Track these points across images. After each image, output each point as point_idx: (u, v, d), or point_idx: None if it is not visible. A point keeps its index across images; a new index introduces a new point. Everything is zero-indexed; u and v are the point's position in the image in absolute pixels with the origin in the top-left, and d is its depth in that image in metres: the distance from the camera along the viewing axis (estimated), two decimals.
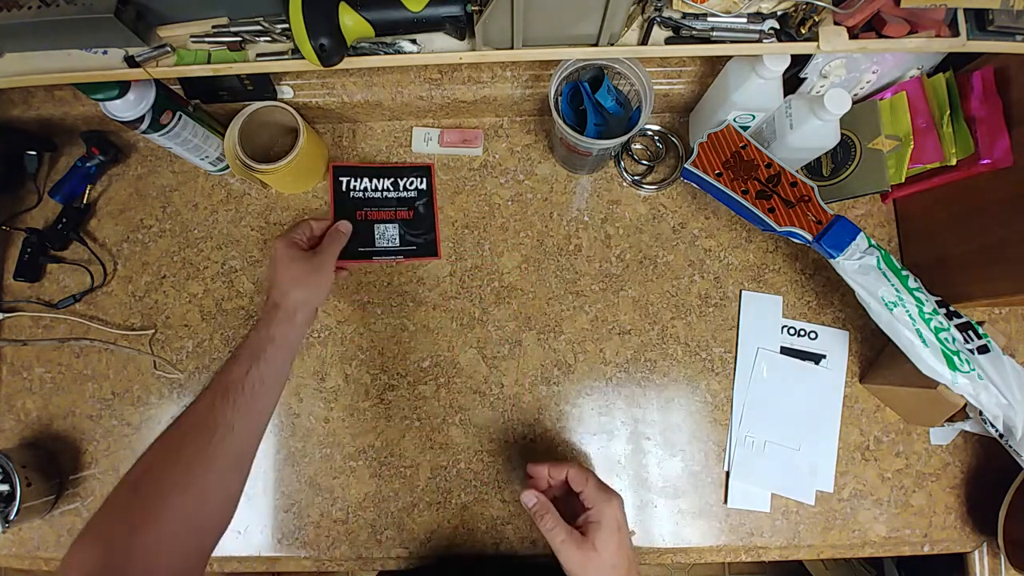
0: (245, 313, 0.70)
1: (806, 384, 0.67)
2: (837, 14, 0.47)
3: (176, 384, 0.69)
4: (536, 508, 0.52)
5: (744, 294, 0.70)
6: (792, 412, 0.67)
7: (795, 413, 0.67)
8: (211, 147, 0.69)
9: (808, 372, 0.67)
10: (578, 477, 0.53)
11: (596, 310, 0.70)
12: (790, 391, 0.67)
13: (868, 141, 0.64)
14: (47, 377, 0.70)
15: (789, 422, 0.66)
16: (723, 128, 0.61)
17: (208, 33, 0.48)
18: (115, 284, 0.72)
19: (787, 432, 0.66)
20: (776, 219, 0.58)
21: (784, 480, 0.65)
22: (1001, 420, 0.54)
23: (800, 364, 0.68)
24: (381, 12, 0.46)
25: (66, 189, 0.71)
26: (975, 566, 0.67)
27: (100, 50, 0.49)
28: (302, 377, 0.69)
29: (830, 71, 0.61)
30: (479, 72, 0.68)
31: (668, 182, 0.72)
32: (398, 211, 0.72)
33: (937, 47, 0.48)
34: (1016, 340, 0.69)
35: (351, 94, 0.69)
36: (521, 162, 0.73)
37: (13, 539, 0.67)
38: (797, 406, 0.67)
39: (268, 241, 0.72)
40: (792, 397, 0.67)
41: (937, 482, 0.66)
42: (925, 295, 0.55)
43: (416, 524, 0.66)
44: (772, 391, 0.67)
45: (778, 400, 0.67)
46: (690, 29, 0.48)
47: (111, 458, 0.68)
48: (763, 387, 0.67)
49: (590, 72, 0.63)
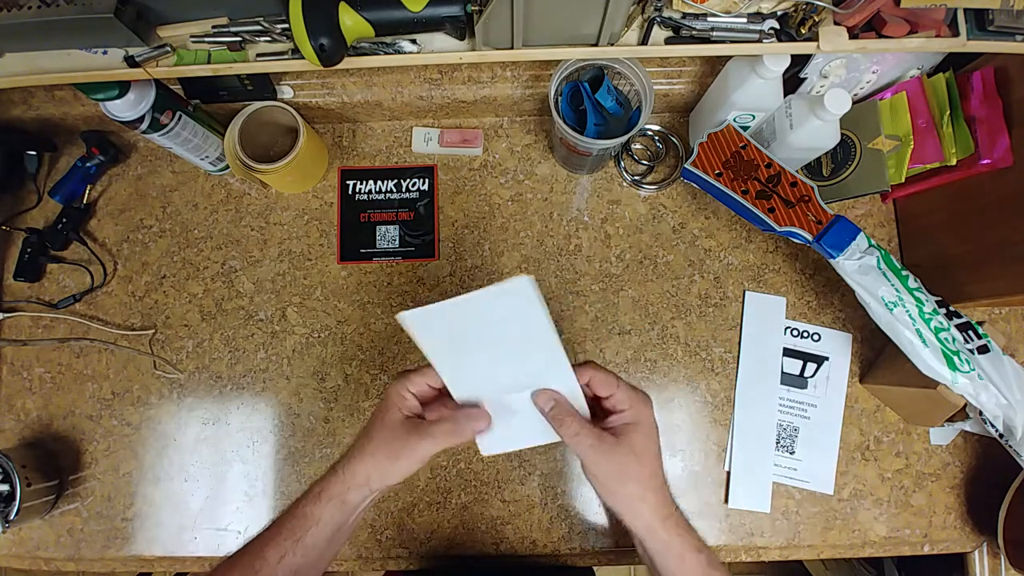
0: (245, 313, 0.70)
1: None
2: (837, 14, 0.47)
3: (176, 384, 0.69)
4: (554, 411, 0.43)
5: (748, 294, 0.69)
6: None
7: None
8: (211, 147, 0.69)
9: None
10: (606, 380, 0.44)
11: (596, 310, 0.70)
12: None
13: (868, 141, 0.64)
14: (47, 377, 0.70)
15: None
16: (723, 128, 0.61)
17: (208, 33, 0.48)
18: (115, 284, 0.72)
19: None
20: (776, 219, 0.58)
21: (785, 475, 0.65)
22: (1001, 420, 0.54)
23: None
24: (381, 12, 0.46)
25: (66, 189, 0.71)
26: (975, 566, 0.67)
27: (100, 50, 0.49)
28: (302, 377, 0.69)
29: (830, 71, 0.61)
30: (479, 72, 0.68)
31: (668, 182, 0.72)
32: (399, 212, 0.72)
33: (937, 47, 0.48)
34: (1016, 340, 0.69)
35: (351, 94, 0.69)
36: (521, 162, 0.73)
37: (13, 539, 0.67)
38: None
39: (268, 241, 0.72)
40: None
41: (937, 482, 0.66)
42: (925, 295, 0.55)
43: (416, 524, 0.66)
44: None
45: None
46: (690, 29, 0.48)
47: (111, 458, 0.68)
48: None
49: (590, 72, 0.63)
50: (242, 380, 0.69)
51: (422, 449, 0.43)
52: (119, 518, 0.66)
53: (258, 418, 0.68)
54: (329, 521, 0.43)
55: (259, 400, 0.68)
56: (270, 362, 0.69)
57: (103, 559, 0.66)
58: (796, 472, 0.66)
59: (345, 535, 0.46)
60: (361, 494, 0.44)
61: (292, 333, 0.70)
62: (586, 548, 0.65)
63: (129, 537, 0.66)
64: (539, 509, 0.66)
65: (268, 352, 0.69)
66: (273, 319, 0.70)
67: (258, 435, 0.68)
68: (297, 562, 0.41)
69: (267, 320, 0.70)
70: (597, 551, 0.65)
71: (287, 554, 0.41)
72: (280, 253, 0.72)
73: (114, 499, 0.67)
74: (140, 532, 0.66)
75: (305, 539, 0.42)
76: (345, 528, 0.45)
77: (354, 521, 0.46)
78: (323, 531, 0.43)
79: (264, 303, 0.71)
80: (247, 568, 0.41)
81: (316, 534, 0.42)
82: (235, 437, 0.68)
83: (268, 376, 0.69)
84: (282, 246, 0.72)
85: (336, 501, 0.43)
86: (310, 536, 0.42)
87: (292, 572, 0.41)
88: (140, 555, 0.66)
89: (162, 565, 0.67)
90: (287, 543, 0.42)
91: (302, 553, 0.42)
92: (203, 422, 0.68)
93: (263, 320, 0.70)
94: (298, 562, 0.42)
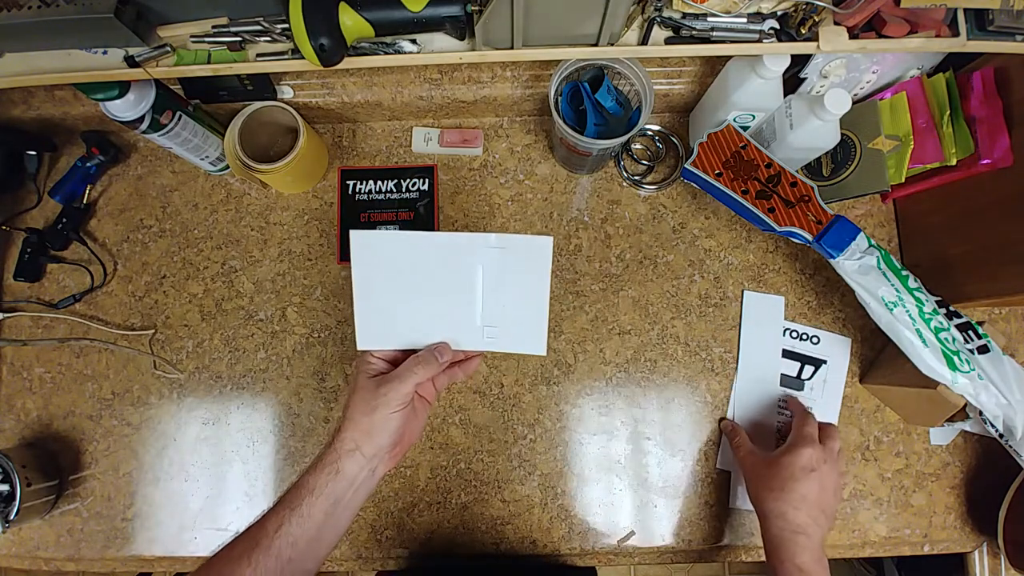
0: (245, 313, 0.70)
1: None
2: (837, 14, 0.47)
3: (176, 384, 0.69)
4: (730, 427, 0.62)
5: (746, 294, 0.69)
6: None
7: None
8: (211, 147, 0.69)
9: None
10: (798, 420, 0.60)
11: (596, 310, 0.70)
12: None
13: (868, 141, 0.64)
14: (47, 377, 0.70)
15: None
16: (723, 128, 0.61)
17: (208, 33, 0.48)
18: (115, 284, 0.72)
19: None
20: (776, 219, 0.58)
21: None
22: (1001, 420, 0.54)
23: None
24: (381, 12, 0.46)
25: (66, 189, 0.71)
26: (975, 566, 0.67)
27: (100, 50, 0.49)
28: (302, 377, 0.69)
29: (830, 71, 0.61)
30: (479, 72, 0.68)
31: (668, 182, 0.72)
32: (399, 212, 0.72)
33: (937, 47, 0.48)
34: (1016, 340, 0.69)
35: (351, 94, 0.69)
36: (521, 162, 0.73)
37: (13, 539, 0.67)
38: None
39: (268, 241, 0.72)
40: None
41: (937, 482, 0.66)
42: (925, 295, 0.55)
43: (416, 524, 0.66)
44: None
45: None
46: (690, 29, 0.48)
47: (111, 458, 0.68)
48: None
49: (590, 72, 0.63)
50: (242, 380, 0.69)
51: (392, 393, 0.45)
52: (119, 518, 0.66)
53: (258, 418, 0.68)
54: (324, 490, 0.43)
55: (259, 400, 0.68)
56: (270, 362, 0.69)
57: (103, 559, 0.66)
58: None
59: (347, 513, 0.46)
60: (355, 462, 0.44)
61: (292, 333, 0.70)
62: (586, 548, 0.65)
63: (129, 537, 0.66)
64: (539, 509, 0.66)
65: (268, 352, 0.69)
66: (273, 319, 0.70)
67: (258, 435, 0.68)
68: (294, 532, 0.42)
69: (267, 320, 0.70)
70: (597, 551, 0.65)
71: (283, 523, 0.42)
72: (280, 253, 0.72)
73: (114, 499, 0.67)
74: (140, 532, 0.66)
75: (301, 508, 0.43)
76: (346, 503, 0.45)
77: (356, 497, 0.46)
78: (319, 502, 0.43)
79: (264, 303, 0.71)
80: (250, 540, 0.42)
81: (312, 504, 0.43)
82: (235, 437, 0.68)
83: (268, 376, 0.69)
84: (282, 246, 0.72)
85: (331, 469, 0.44)
86: (305, 505, 0.43)
87: (290, 544, 0.42)
88: (140, 555, 0.66)
89: (162, 565, 0.67)
90: (284, 512, 0.42)
91: (298, 523, 0.42)
92: (203, 422, 0.68)
93: (263, 320, 0.70)
94: (295, 532, 0.42)
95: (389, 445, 0.46)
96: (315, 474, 0.44)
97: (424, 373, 0.46)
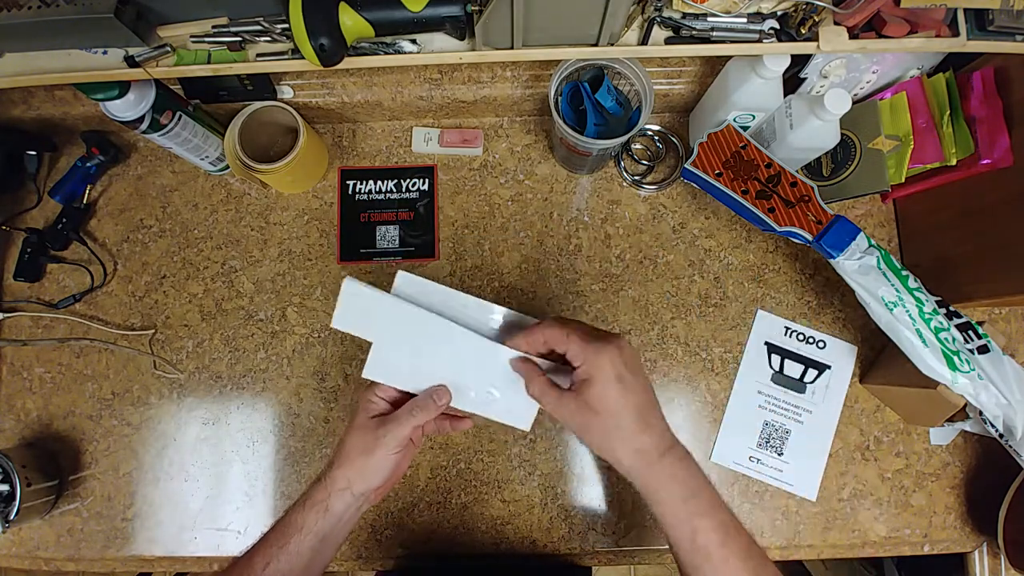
0: (245, 313, 0.70)
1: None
2: (837, 14, 0.47)
3: (176, 384, 0.69)
4: (525, 372, 0.45)
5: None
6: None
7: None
8: (211, 147, 0.69)
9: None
10: (557, 336, 0.43)
11: (596, 310, 0.70)
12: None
13: (868, 141, 0.64)
14: (47, 377, 0.70)
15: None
16: (723, 128, 0.61)
17: (208, 33, 0.48)
18: (115, 284, 0.72)
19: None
20: (776, 219, 0.58)
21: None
22: (1001, 420, 0.54)
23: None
24: (381, 12, 0.46)
25: (66, 189, 0.71)
26: (975, 566, 0.67)
27: (100, 50, 0.49)
28: (302, 377, 0.69)
29: (830, 71, 0.61)
30: (479, 72, 0.68)
31: (668, 182, 0.72)
32: (399, 212, 0.72)
33: (937, 47, 0.48)
34: (1016, 340, 0.69)
35: (351, 94, 0.69)
36: (521, 162, 0.73)
37: (13, 539, 0.67)
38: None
39: (268, 241, 0.72)
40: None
41: (937, 482, 0.66)
42: (925, 295, 0.55)
43: (416, 524, 0.66)
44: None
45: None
46: (690, 29, 0.48)
47: (111, 458, 0.68)
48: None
49: (590, 72, 0.63)
50: (242, 380, 0.69)
51: (390, 435, 0.45)
52: (119, 518, 0.66)
53: (258, 418, 0.68)
54: (312, 528, 0.44)
55: (259, 400, 0.68)
56: (270, 362, 0.69)
57: (103, 559, 0.66)
58: (781, 474, 0.66)
59: (332, 546, 0.46)
60: (343, 500, 0.45)
61: (292, 333, 0.70)
62: (586, 548, 0.65)
63: (129, 537, 0.66)
64: (539, 509, 0.66)
65: (268, 352, 0.69)
66: (273, 319, 0.70)
67: (258, 435, 0.68)
68: (282, 568, 0.43)
69: (267, 320, 0.70)
70: (597, 551, 0.65)
71: (272, 560, 0.43)
72: (280, 253, 0.72)
73: (114, 499, 0.67)
74: (140, 532, 0.66)
75: (289, 546, 0.43)
76: (332, 538, 0.46)
77: (341, 531, 0.47)
78: (307, 539, 0.44)
79: (264, 303, 0.71)
80: (240, 567, 0.43)
81: (300, 541, 0.44)
82: (235, 437, 0.68)
83: (268, 376, 0.69)
84: (282, 246, 0.72)
85: (319, 507, 0.45)
86: (293, 543, 0.43)
87: None
88: (140, 555, 0.66)
89: (162, 565, 0.67)
90: (273, 550, 0.43)
91: (286, 560, 0.43)
92: (203, 422, 0.68)
93: (263, 320, 0.70)
94: (283, 568, 0.43)
95: (378, 485, 0.46)
96: (304, 512, 0.45)
97: (422, 417, 0.45)
